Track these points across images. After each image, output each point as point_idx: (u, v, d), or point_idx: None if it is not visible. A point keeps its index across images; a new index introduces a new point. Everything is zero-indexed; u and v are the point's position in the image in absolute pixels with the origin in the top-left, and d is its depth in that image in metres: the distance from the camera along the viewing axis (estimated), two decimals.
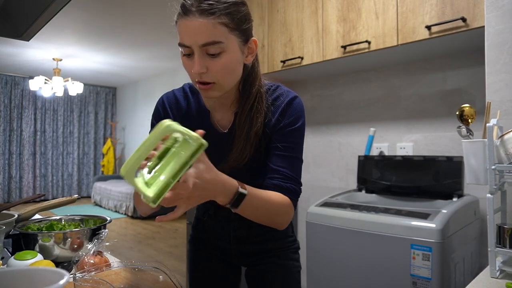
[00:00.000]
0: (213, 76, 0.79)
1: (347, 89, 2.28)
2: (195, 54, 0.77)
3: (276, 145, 0.88)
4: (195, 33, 0.75)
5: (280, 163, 0.86)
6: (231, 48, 0.78)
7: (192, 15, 0.74)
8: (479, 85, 1.72)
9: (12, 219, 1.03)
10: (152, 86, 7.32)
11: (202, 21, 0.74)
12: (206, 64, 0.77)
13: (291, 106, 0.89)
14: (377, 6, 1.72)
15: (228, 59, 0.78)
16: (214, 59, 0.77)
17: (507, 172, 0.94)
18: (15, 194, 7.25)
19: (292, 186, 0.86)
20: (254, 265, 1.05)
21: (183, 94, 0.97)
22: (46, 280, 0.46)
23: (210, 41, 0.75)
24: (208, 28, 0.74)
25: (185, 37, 0.76)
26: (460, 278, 1.40)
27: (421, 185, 1.74)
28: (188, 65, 0.80)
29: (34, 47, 5.15)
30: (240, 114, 0.89)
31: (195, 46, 0.76)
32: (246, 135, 0.88)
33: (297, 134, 0.89)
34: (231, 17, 0.76)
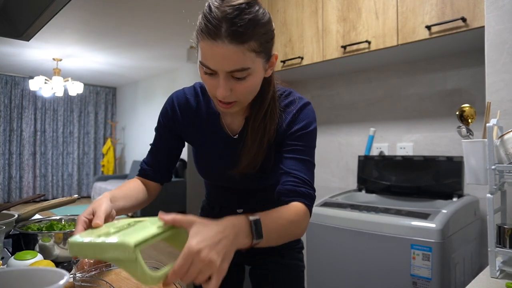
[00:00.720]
0: (236, 97, 0.77)
1: (347, 89, 2.28)
2: (220, 78, 0.73)
3: (289, 149, 0.86)
4: (223, 59, 0.70)
5: (293, 166, 0.84)
6: (257, 70, 0.75)
7: (220, 40, 0.68)
8: (479, 85, 1.72)
9: (12, 219, 1.03)
10: (152, 86, 7.32)
11: (232, 48, 0.69)
12: (231, 87, 0.74)
13: (303, 111, 0.88)
14: (377, 6, 1.72)
15: (253, 81, 0.76)
16: (240, 81, 0.74)
17: (507, 172, 0.94)
18: (15, 194, 7.25)
19: (307, 190, 0.82)
20: (259, 264, 1.05)
21: (194, 94, 0.95)
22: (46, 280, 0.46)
23: (238, 68, 0.71)
24: (238, 56, 0.70)
25: (210, 61, 0.72)
26: (460, 278, 1.40)
27: (421, 185, 1.74)
28: (209, 83, 0.76)
29: (34, 47, 5.14)
30: (253, 120, 0.87)
31: (221, 72, 0.72)
32: (259, 142, 0.86)
33: (309, 137, 0.87)
34: (260, 42, 0.72)
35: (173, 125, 0.94)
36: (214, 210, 1.06)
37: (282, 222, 0.74)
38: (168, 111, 0.94)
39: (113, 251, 0.54)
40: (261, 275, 1.04)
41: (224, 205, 1.05)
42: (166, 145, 0.97)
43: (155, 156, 0.97)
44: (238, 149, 0.90)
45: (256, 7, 0.72)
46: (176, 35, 4.62)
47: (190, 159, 3.04)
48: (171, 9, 3.78)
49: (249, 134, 0.87)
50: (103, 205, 0.73)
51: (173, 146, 0.97)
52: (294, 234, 0.79)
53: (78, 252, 0.59)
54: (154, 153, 0.97)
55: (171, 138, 0.96)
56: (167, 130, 0.95)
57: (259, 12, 0.72)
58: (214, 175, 1.00)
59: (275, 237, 0.72)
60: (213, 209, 1.07)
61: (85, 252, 0.59)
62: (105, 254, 0.56)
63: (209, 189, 1.09)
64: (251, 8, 0.71)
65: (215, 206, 1.06)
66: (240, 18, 0.68)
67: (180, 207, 6.11)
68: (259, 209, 1.00)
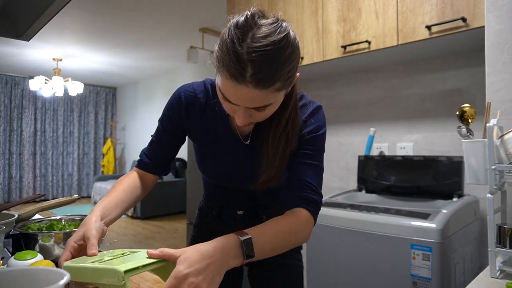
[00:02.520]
0: (254, 120, 0.75)
1: (347, 89, 2.28)
2: (239, 110, 0.71)
3: (298, 152, 0.84)
4: (246, 99, 0.68)
5: (300, 170, 0.82)
6: (278, 101, 0.73)
7: (245, 85, 0.65)
8: (479, 85, 1.72)
9: (12, 219, 1.03)
10: (152, 86, 7.32)
11: (256, 92, 0.66)
12: (250, 114, 0.72)
13: (314, 115, 0.86)
14: (377, 6, 1.72)
15: (272, 109, 0.74)
16: (259, 111, 0.72)
17: (507, 172, 0.94)
18: (15, 194, 7.25)
19: (311, 196, 0.80)
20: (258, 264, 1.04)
21: (203, 91, 0.91)
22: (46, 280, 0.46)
23: (260, 106, 0.70)
24: (261, 98, 0.68)
25: (232, 97, 0.69)
26: (460, 278, 1.40)
27: (421, 185, 1.74)
28: (228, 107, 0.74)
29: (34, 47, 5.14)
30: (275, 129, 0.82)
31: (242, 106, 0.70)
32: (282, 153, 0.82)
33: (319, 142, 0.86)
34: (284, 81, 0.68)
35: (178, 119, 0.92)
36: (213, 212, 1.05)
37: (279, 233, 0.74)
38: (174, 104, 0.91)
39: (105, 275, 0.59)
40: (261, 276, 1.04)
41: (224, 206, 1.03)
42: (168, 138, 0.95)
43: (156, 148, 0.96)
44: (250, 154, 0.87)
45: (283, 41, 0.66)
46: (176, 35, 4.62)
47: (190, 159, 3.03)
48: (171, 9, 3.78)
49: (271, 144, 0.82)
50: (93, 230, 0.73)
51: (175, 140, 0.96)
52: (294, 243, 0.79)
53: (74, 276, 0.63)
54: (155, 145, 0.96)
55: (174, 132, 0.94)
56: (171, 123, 0.93)
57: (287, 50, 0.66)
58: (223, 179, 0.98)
59: (270, 250, 0.72)
60: (212, 210, 1.05)
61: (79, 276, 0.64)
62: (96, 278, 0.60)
63: (209, 190, 1.08)
64: (280, 45, 0.65)
65: (215, 207, 1.05)
66: (267, 64, 0.64)
67: (180, 207, 6.11)
68: (260, 210, 1.00)
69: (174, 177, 6.49)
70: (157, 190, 6.02)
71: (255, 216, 1.00)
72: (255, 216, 1.00)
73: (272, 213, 0.98)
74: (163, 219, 5.92)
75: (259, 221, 0.97)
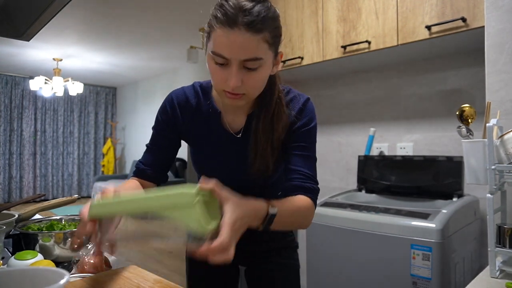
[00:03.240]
0: (245, 89, 0.77)
1: (347, 89, 2.28)
2: (232, 67, 0.74)
3: (293, 145, 0.88)
4: (239, 48, 0.72)
5: (298, 163, 0.87)
6: (267, 63, 0.78)
7: (237, 28, 0.70)
8: (479, 85, 1.72)
9: (12, 219, 1.03)
10: (152, 86, 7.32)
11: (249, 37, 0.71)
12: (242, 77, 0.75)
13: (305, 107, 0.91)
14: (377, 6, 1.72)
15: (263, 74, 0.78)
16: (251, 72, 0.75)
17: (507, 172, 0.94)
18: (15, 194, 7.25)
19: (312, 185, 0.86)
20: (255, 264, 1.05)
21: (193, 93, 0.94)
22: (46, 280, 0.46)
23: (252, 57, 0.73)
24: (253, 45, 0.72)
25: (225, 49, 0.73)
26: (460, 278, 1.40)
27: (421, 185, 1.74)
28: (219, 74, 0.77)
29: (34, 47, 5.15)
30: (263, 121, 0.87)
31: (235, 60, 0.73)
32: (271, 143, 0.87)
33: (311, 134, 0.91)
34: (272, 34, 0.75)
35: (173, 123, 0.93)
36: None
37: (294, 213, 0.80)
38: (168, 109, 0.94)
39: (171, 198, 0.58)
40: (259, 275, 1.04)
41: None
42: (164, 144, 0.96)
43: (152, 156, 0.96)
44: (242, 149, 0.89)
45: (268, 3, 0.76)
46: (176, 35, 4.62)
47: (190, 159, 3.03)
48: (171, 9, 3.78)
49: (260, 135, 0.87)
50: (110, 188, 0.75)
51: (171, 145, 0.97)
52: (300, 223, 0.85)
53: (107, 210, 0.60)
54: (152, 153, 0.97)
55: (169, 137, 0.95)
56: (166, 128, 0.94)
57: (271, 7, 0.76)
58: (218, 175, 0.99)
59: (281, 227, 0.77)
60: None
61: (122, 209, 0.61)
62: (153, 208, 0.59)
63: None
64: (265, 2, 0.75)
65: None
66: (256, 10, 0.72)
67: None
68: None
69: (174, 177, 6.49)
70: None
71: None
72: None
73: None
74: None
75: None
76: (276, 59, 0.82)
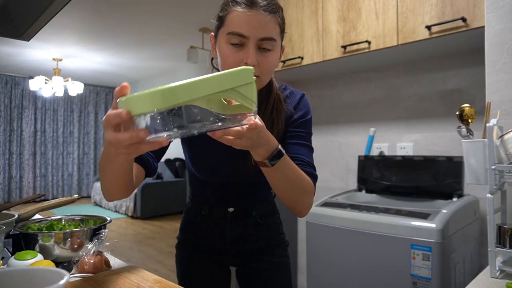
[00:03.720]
0: (259, 70, 0.80)
1: (347, 89, 2.28)
2: (249, 46, 0.78)
3: (292, 135, 0.92)
4: (258, 26, 0.77)
5: (298, 150, 0.90)
6: (278, 48, 0.83)
7: (256, 9, 0.77)
8: (479, 85, 1.72)
9: (12, 219, 1.03)
10: (152, 86, 7.23)
11: (266, 16, 0.78)
12: (257, 58, 0.79)
13: (302, 100, 0.96)
14: (377, 6, 1.72)
15: (275, 57, 0.82)
16: (265, 53, 0.80)
17: (507, 172, 0.94)
18: (15, 194, 7.25)
19: (311, 171, 0.88)
20: (248, 263, 1.05)
21: None
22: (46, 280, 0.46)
23: (269, 36, 0.78)
24: (270, 25, 0.78)
25: (244, 27, 0.77)
26: (460, 278, 1.40)
27: (421, 185, 1.74)
28: (234, 56, 0.79)
29: (34, 47, 5.15)
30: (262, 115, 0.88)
31: (252, 39, 0.78)
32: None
33: (308, 125, 0.95)
34: (282, 20, 0.83)
35: None
36: (203, 211, 1.03)
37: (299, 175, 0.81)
38: None
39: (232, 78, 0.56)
40: (252, 274, 1.04)
41: (214, 204, 1.02)
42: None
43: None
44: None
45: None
46: (176, 35, 4.62)
47: None
48: (171, 9, 3.78)
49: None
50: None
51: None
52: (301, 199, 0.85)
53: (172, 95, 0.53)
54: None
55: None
56: None
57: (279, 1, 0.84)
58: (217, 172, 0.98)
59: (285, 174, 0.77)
60: (202, 211, 1.03)
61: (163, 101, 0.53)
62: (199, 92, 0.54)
63: (199, 189, 1.05)
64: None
65: (204, 207, 1.03)
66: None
67: (180, 207, 6.11)
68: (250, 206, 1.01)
69: (174, 177, 6.49)
70: (157, 190, 6.02)
71: (245, 213, 1.02)
72: (245, 213, 1.01)
73: (261, 209, 1.03)
74: (163, 219, 5.93)
75: (249, 217, 1.01)
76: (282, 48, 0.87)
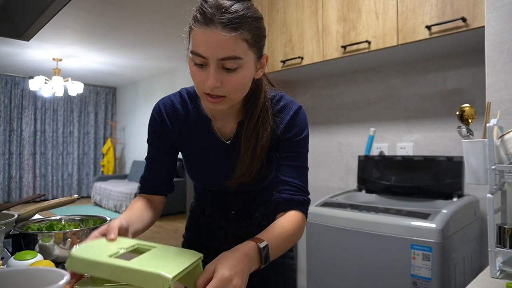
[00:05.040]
0: (225, 90, 0.75)
1: (347, 89, 2.28)
2: (210, 67, 0.72)
3: (284, 155, 0.87)
4: (216, 46, 0.70)
5: (289, 174, 0.86)
6: (248, 64, 0.75)
7: (214, 26, 0.69)
8: (479, 85, 1.72)
9: (12, 219, 1.03)
10: (152, 86, 7.31)
11: (225, 35, 0.69)
12: (221, 78, 0.73)
13: (296, 117, 0.88)
14: (377, 6, 1.72)
15: (243, 75, 0.75)
16: (230, 73, 0.73)
17: (507, 172, 0.93)
18: (15, 194, 7.25)
19: (302, 197, 0.85)
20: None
21: (180, 101, 0.93)
22: (46, 280, 0.46)
23: (230, 56, 0.71)
24: (230, 43, 0.70)
25: (202, 48, 0.71)
26: (460, 278, 1.40)
27: (421, 185, 1.74)
28: (198, 75, 0.75)
29: (34, 47, 5.14)
30: (246, 128, 0.86)
31: (212, 59, 0.71)
32: (252, 150, 0.85)
33: (303, 143, 0.89)
34: (252, 33, 0.73)
35: (164, 132, 0.92)
36: (205, 212, 1.04)
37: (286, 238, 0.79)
38: (156, 119, 0.92)
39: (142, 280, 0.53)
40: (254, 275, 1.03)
41: (215, 207, 1.03)
42: (162, 155, 0.94)
43: (153, 169, 0.95)
44: (232, 155, 0.89)
45: (249, 3, 0.74)
46: (176, 35, 4.59)
47: None
48: (171, 9, 3.78)
49: (242, 142, 0.86)
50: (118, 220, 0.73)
51: (168, 155, 0.95)
52: (294, 242, 0.85)
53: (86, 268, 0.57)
54: (152, 166, 0.95)
55: (164, 147, 0.94)
56: (159, 139, 0.93)
57: (252, 7, 0.74)
58: (208, 181, 0.99)
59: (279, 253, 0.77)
60: (204, 211, 1.04)
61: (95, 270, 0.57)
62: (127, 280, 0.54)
63: (200, 193, 1.07)
64: (246, 1, 0.74)
65: (206, 208, 1.04)
66: (234, 8, 0.71)
67: (180, 207, 6.11)
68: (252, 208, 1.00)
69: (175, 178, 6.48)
70: None
71: (247, 214, 1.00)
72: (247, 214, 1.00)
73: (264, 210, 1.01)
74: (163, 219, 5.92)
75: (251, 218, 1.00)
76: (260, 62, 0.80)
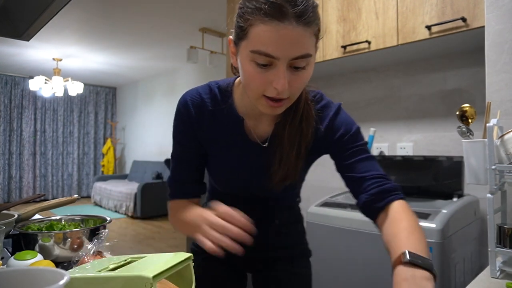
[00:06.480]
0: (290, 92, 0.67)
1: (347, 89, 2.28)
2: (279, 67, 0.63)
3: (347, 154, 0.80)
4: (290, 44, 0.61)
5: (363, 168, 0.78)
6: (313, 60, 0.68)
7: (288, 21, 0.60)
8: (479, 85, 1.72)
9: (12, 219, 1.02)
10: (152, 86, 7.31)
11: (300, 30, 0.61)
12: (289, 79, 0.64)
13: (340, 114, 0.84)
14: (377, 6, 1.72)
15: (309, 73, 0.68)
16: (297, 72, 0.65)
17: (507, 172, 0.93)
18: (15, 194, 7.25)
19: (392, 185, 0.76)
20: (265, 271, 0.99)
21: (209, 94, 0.82)
22: (46, 280, 0.46)
23: (303, 54, 0.63)
24: (304, 40, 0.62)
25: (272, 47, 0.61)
26: (460, 278, 1.40)
27: (421, 185, 1.74)
28: (260, 77, 0.65)
29: (34, 47, 5.14)
30: (289, 127, 0.78)
31: (283, 59, 0.62)
32: (297, 148, 0.78)
33: (360, 136, 0.83)
34: (318, 26, 0.66)
35: (190, 127, 0.83)
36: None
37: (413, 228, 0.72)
38: (183, 112, 0.83)
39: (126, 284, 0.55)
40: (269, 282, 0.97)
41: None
42: (191, 153, 0.86)
43: (184, 170, 0.87)
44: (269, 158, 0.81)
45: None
46: (176, 35, 4.62)
47: None
48: (171, 9, 3.78)
49: (286, 142, 0.78)
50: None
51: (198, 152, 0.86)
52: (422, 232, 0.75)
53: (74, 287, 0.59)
54: (182, 167, 0.87)
55: (193, 143, 0.85)
56: (186, 135, 0.84)
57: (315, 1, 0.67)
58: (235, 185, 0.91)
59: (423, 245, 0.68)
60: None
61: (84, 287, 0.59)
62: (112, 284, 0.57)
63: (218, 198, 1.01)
64: None
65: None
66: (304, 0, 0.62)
67: None
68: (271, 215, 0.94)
69: None
70: (157, 190, 6.02)
71: (267, 221, 0.93)
72: (266, 221, 0.93)
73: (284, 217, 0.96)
74: (163, 219, 5.92)
75: (271, 226, 0.94)
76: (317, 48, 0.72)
